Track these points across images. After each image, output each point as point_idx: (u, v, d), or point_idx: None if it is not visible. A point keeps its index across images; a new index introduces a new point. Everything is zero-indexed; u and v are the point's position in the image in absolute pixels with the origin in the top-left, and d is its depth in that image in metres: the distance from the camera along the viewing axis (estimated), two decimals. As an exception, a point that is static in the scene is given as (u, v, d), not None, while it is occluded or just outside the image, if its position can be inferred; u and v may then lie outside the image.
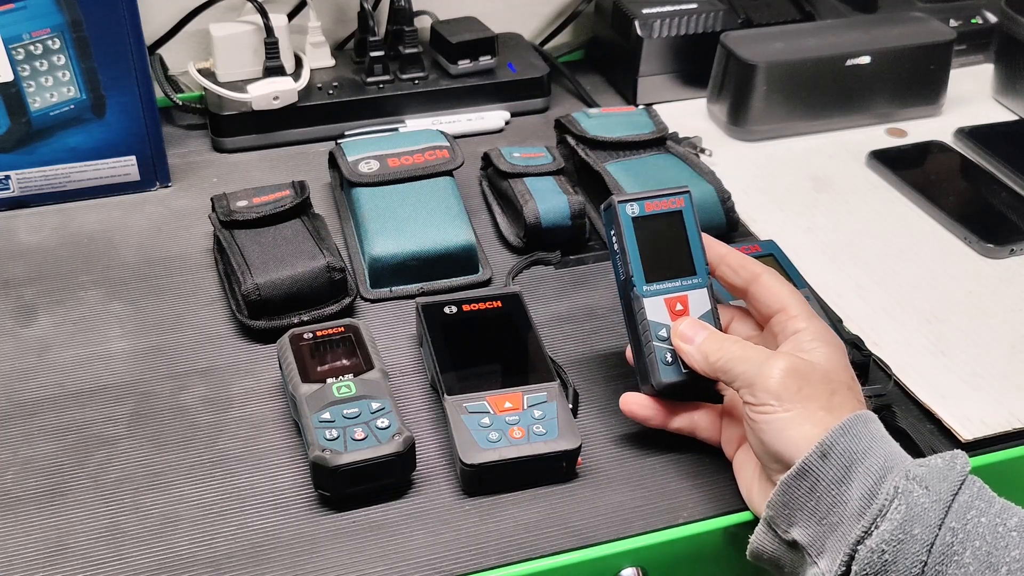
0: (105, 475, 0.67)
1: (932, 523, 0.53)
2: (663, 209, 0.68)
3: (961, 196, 0.96)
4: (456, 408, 0.67)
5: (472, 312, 0.75)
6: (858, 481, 0.56)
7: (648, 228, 0.68)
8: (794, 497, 0.58)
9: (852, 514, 0.56)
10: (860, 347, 0.73)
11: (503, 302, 0.76)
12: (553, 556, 0.62)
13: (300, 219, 0.84)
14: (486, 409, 0.67)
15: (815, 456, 0.57)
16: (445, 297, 0.77)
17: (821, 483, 0.57)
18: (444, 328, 0.74)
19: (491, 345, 0.74)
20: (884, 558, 0.53)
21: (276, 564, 0.61)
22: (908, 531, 0.53)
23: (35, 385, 0.74)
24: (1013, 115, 1.10)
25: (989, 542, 0.53)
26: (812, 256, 0.87)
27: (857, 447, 0.57)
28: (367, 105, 1.04)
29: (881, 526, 0.54)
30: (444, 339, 0.73)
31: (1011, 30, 1.08)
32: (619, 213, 0.67)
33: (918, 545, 0.53)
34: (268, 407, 0.72)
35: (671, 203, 0.68)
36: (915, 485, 0.55)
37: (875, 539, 0.54)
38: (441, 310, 0.75)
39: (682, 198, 0.68)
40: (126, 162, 0.94)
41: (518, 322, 0.75)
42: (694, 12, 1.08)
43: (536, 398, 0.68)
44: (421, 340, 0.76)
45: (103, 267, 0.86)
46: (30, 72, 0.88)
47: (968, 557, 0.53)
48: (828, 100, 1.05)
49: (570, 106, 1.10)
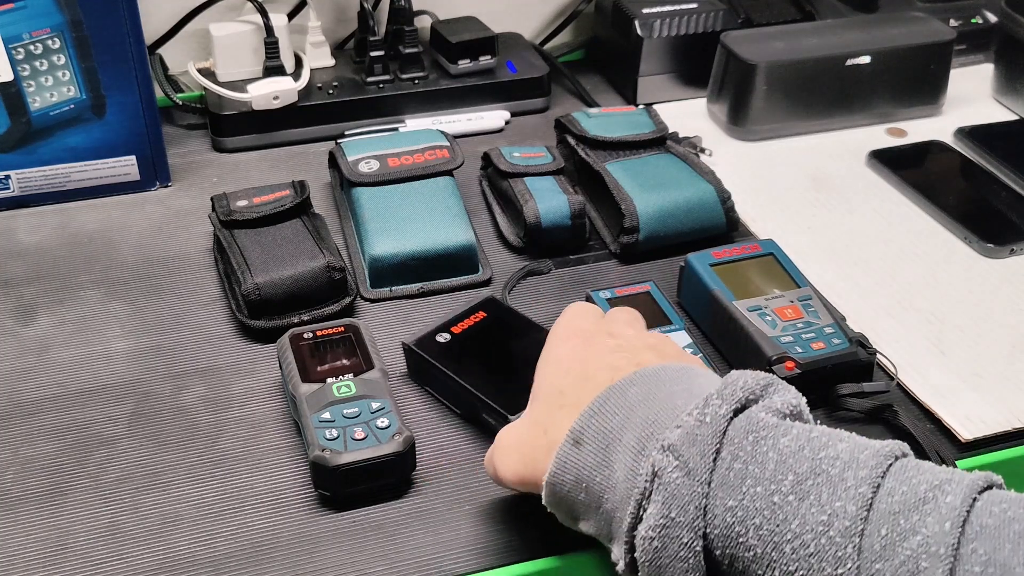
0: (105, 475, 0.67)
1: (688, 502, 0.48)
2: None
3: (961, 196, 0.96)
4: None
5: (466, 331, 0.74)
6: (619, 462, 0.51)
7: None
8: (564, 496, 0.54)
9: (620, 500, 0.51)
10: (865, 345, 0.73)
11: (485, 311, 0.75)
12: (553, 556, 0.62)
13: (300, 219, 0.84)
14: None
15: (568, 445, 0.53)
16: (426, 332, 0.74)
17: (583, 472, 0.52)
18: (453, 357, 0.72)
19: (507, 353, 0.73)
20: (655, 545, 0.48)
21: (276, 564, 0.61)
22: (667, 515, 0.48)
23: (35, 385, 0.74)
24: (1013, 115, 1.10)
25: (768, 518, 0.47)
26: (812, 256, 0.87)
27: (611, 424, 0.52)
28: (367, 105, 1.04)
29: (648, 509, 0.49)
30: (465, 368, 0.71)
31: (1011, 30, 1.08)
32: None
33: (680, 529, 0.48)
34: (268, 407, 0.72)
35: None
36: (671, 457, 0.48)
37: (644, 524, 0.49)
38: (435, 340, 0.73)
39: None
40: (126, 162, 0.94)
41: (512, 320, 0.75)
42: (694, 12, 1.08)
43: None
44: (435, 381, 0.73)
45: (103, 267, 0.86)
46: (30, 72, 0.88)
47: (752, 538, 0.47)
48: (828, 100, 1.05)
49: (570, 106, 1.10)
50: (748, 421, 0.50)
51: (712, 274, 0.77)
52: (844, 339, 0.72)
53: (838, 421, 0.71)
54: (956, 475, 0.46)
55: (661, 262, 0.87)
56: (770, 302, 0.75)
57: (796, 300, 0.75)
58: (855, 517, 0.45)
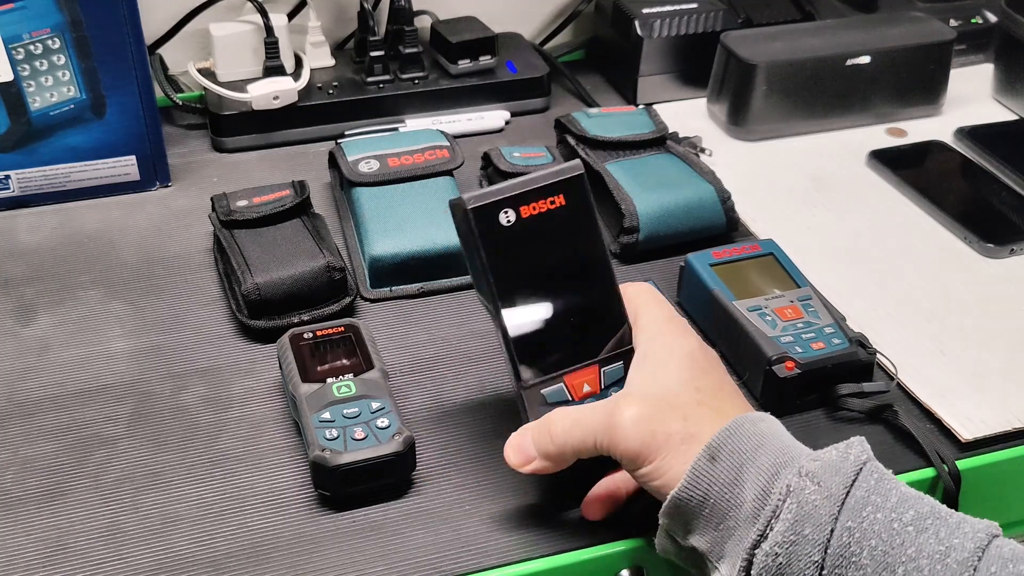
0: (105, 475, 0.67)
1: (824, 522, 0.51)
2: None
3: (961, 196, 0.96)
4: (534, 400, 0.60)
5: (534, 219, 0.59)
6: (750, 482, 0.54)
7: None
8: (687, 508, 0.55)
9: (747, 517, 0.53)
10: (865, 345, 0.73)
11: (566, 195, 0.60)
12: (553, 556, 0.62)
13: (300, 219, 0.84)
14: (564, 397, 0.61)
15: (703, 460, 0.55)
16: (496, 192, 0.59)
17: (714, 488, 0.54)
18: (505, 251, 0.58)
19: (561, 283, 0.60)
20: (778, 561, 0.51)
21: (276, 564, 0.61)
22: (799, 532, 0.51)
23: (35, 385, 0.74)
24: (1013, 115, 1.10)
25: (885, 540, 0.51)
26: (812, 256, 0.87)
27: (746, 446, 0.55)
28: (367, 105, 1.04)
29: (775, 527, 0.52)
30: (510, 279, 0.58)
31: (1011, 30, 1.08)
32: None
33: (811, 546, 0.51)
34: (268, 407, 0.72)
35: None
36: (807, 482, 0.52)
37: (769, 542, 0.52)
38: (497, 220, 0.58)
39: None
40: (126, 162, 0.94)
41: (587, 233, 0.60)
42: (694, 12, 1.08)
43: (613, 372, 0.62)
44: (470, 254, 0.60)
45: (103, 267, 0.86)
46: (30, 72, 0.88)
47: (865, 558, 0.50)
48: (828, 100, 1.05)
49: (570, 106, 1.10)
50: (875, 467, 0.54)
51: (712, 274, 0.77)
52: (844, 339, 0.72)
53: (838, 421, 0.71)
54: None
55: (661, 262, 0.87)
56: (770, 302, 0.75)
57: (796, 300, 0.75)
58: (972, 552, 0.50)
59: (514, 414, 0.63)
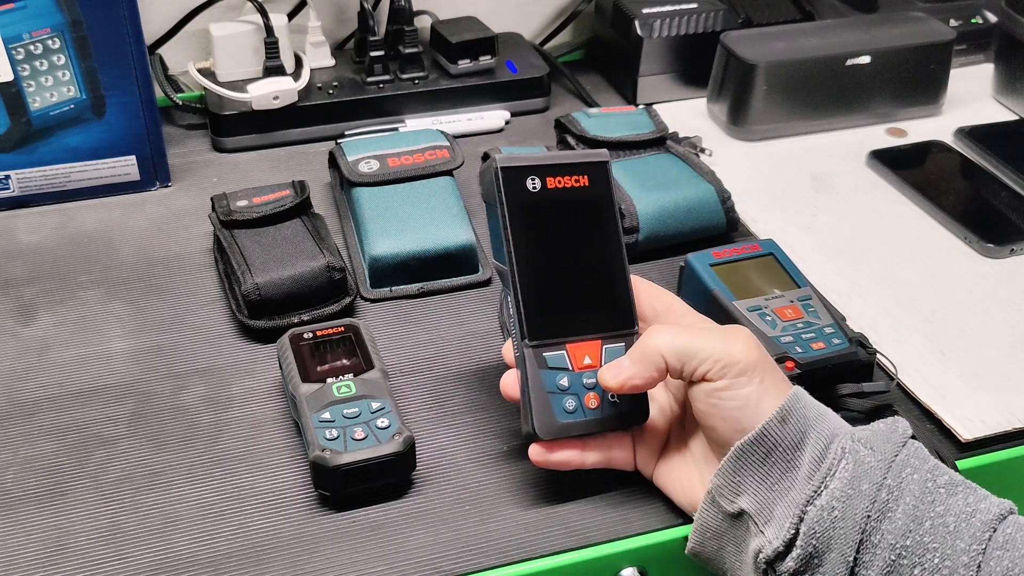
0: (105, 475, 0.67)
1: (876, 479, 0.55)
2: None
3: (961, 196, 0.96)
4: (535, 360, 0.60)
5: (558, 192, 0.61)
6: (811, 445, 0.57)
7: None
8: (747, 464, 0.57)
9: (803, 477, 0.56)
10: (865, 345, 0.73)
11: (590, 178, 0.63)
12: (553, 556, 0.62)
13: (300, 219, 0.84)
14: (565, 364, 0.61)
15: (775, 421, 0.57)
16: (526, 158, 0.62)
17: (777, 448, 0.57)
18: (527, 215, 0.60)
19: (574, 257, 0.62)
20: (834, 515, 0.55)
21: (276, 564, 0.61)
22: (856, 487, 0.55)
23: (35, 385, 0.74)
24: (1013, 115, 1.10)
25: (918, 496, 0.55)
26: (812, 256, 0.87)
27: (811, 413, 0.58)
28: (367, 105, 1.04)
29: (831, 485, 0.55)
30: (527, 242, 0.60)
31: (1011, 30, 1.08)
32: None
33: (865, 500, 0.55)
34: (268, 407, 0.72)
35: None
36: (860, 446, 0.56)
37: (824, 498, 0.55)
38: (524, 184, 0.60)
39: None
40: (126, 162, 0.94)
41: (605, 216, 0.62)
42: (694, 12, 1.09)
43: (614, 351, 0.62)
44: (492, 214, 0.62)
45: (103, 267, 0.86)
46: (30, 72, 0.88)
47: (899, 513, 0.55)
48: (828, 100, 1.05)
49: (570, 106, 1.10)
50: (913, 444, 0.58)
51: (712, 274, 0.77)
52: (844, 339, 0.72)
53: (838, 421, 0.71)
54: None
55: (661, 262, 0.87)
56: (770, 302, 0.75)
57: (796, 300, 0.75)
58: (996, 516, 0.55)
59: (515, 415, 0.63)
